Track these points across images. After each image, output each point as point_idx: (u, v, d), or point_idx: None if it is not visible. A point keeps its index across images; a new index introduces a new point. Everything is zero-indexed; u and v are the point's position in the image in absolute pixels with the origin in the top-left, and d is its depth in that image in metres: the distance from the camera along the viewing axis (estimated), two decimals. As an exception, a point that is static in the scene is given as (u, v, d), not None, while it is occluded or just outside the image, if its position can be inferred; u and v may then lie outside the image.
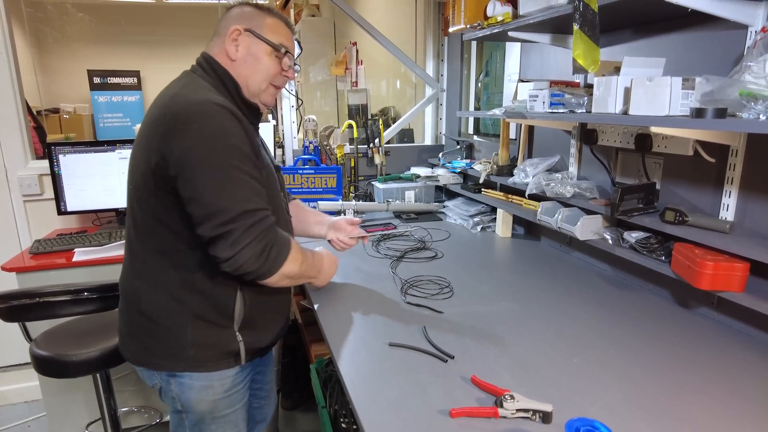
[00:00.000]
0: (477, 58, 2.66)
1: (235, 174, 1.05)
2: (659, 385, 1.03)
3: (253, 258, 1.06)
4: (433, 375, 1.07)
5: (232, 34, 1.18)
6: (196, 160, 1.03)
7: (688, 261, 1.24)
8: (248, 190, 1.07)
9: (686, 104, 1.06)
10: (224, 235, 1.04)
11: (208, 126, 1.04)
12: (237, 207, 1.04)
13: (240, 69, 1.20)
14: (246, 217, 1.05)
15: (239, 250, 1.04)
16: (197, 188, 1.04)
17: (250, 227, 1.05)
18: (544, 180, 1.78)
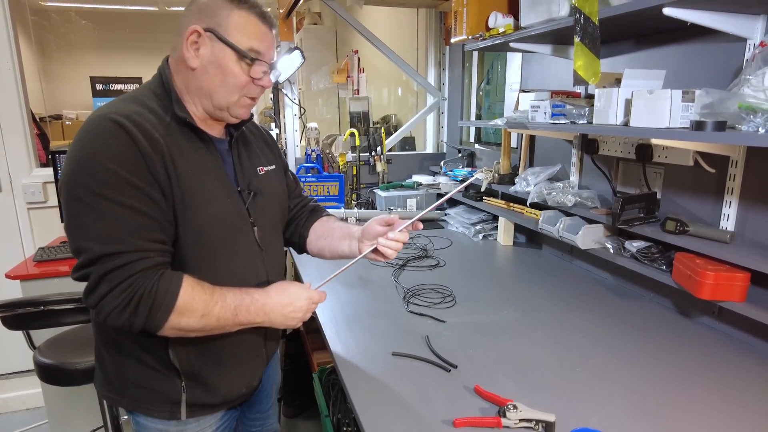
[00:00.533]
0: (478, 67, 2.68)
1: (101, 207, 0.86)
2: (662, 395, 1.04)
3: (116, 312, 0.87)
4: (437, 385, 1.08)
5: (191, 36, 0.95)
6: (64, 188, 0.89)
7: (689, 271, 1.25)
8: (114, 226, 0.87)
9: (686, 116, 1.07)
10: (85, 279, 0.89)
11: (87, 147, 0.87)
12: (94, 248, 0.86)
13: (201, 80, 0.97)
14: (103, 261, 0.86)
15: (99, 300, 0.87)
16: (66, 220, 0.89)
17: (105, 274, 0.86)
18: (545, 189, 1.79)
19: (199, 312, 0.92)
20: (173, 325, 0.91)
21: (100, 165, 0.86)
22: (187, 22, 0.96)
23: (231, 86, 0.98)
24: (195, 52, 0.96)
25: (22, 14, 4.98)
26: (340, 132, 2.72)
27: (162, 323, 0.90)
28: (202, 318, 0.93)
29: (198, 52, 0.96)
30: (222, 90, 0.98)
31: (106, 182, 0.86)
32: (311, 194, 2.55)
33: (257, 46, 0.98)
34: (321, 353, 2.27)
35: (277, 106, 2.59)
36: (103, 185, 0.86)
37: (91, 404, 2.15)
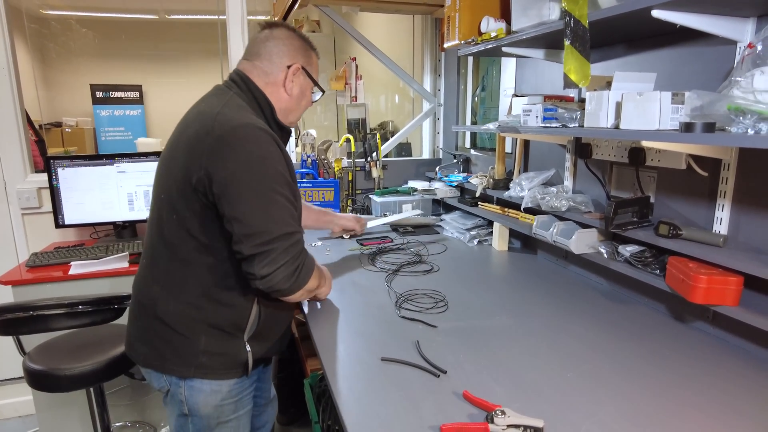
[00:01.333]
0: (473, 72, 2.68)
1: (277, 198, 1.12)
2: (654, 401, 1.02)
3: (286, 277, 1.13)
4: (426, 390, 1.06)
5: (294, 71, 1.28)
6: (243, 183, 1.09)
7: (681, 275, 1.23)
8: (287, 213, 1.14)
9: (676, 118, 1.06)
10: (263, 254, 1.10)
11: (255, 151, 1.10)
12: (277, 229, 1.11)
13: (291, 102, 1.30)
14: (285, 238, 1.12)
15: (276, 269, 1.11)
16: (241, 209, 1.10)
17: (287, 248, 1.12)
18: (539, 194, 1.78)
19: (317, 275, 1.30)
20: (308, 285, 1.22)
21: (271, 166, 1.12)
22: (281, 55, 1.27)
23: (303, 107, 1.36)
24: (292, 84, 1.29)
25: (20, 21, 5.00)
26: (338, 139, 2.72)
27: (304, 285, 1.19)
28: (317, 279, 1.31)
29: (294, 83, 1.29)
30: (298, 110, 1.35)
31: (277, 180, 1.13)
32: (307, 200, 2.54)
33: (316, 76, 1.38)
34: (314, 360, 2.25)
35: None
36: (275, 182, 1.13)
37: (83, 411, 2.13)
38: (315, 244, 2.23)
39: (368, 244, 2.22)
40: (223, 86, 1.28)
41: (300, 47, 1.30)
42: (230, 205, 1.10)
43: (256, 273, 1.10)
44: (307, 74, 1.31)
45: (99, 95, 6.29)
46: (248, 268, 1.12)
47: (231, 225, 1.11)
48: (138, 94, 6.57)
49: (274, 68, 1.27)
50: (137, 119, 6.53)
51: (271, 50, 1.27)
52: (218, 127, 1.11)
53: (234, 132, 1.10)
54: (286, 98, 1.29)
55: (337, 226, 2.06)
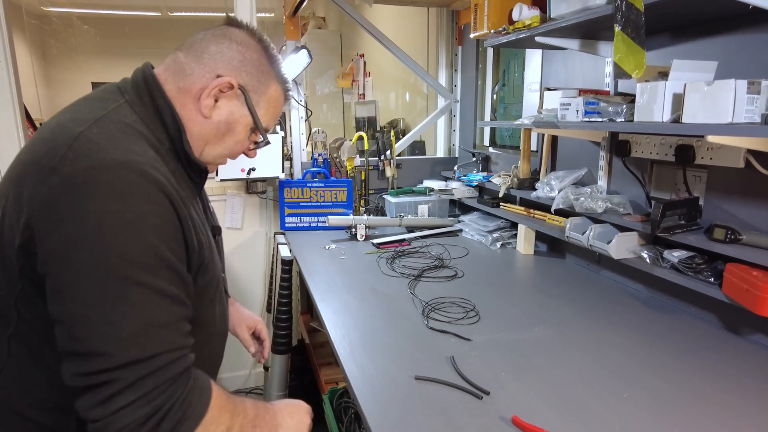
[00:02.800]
0: (493, 67, 2.57)
1: (137, 294, 0.68)
2: (728, 426, 0.91)
3: (133, 426, 0.67)
4: (468, 414, 0.95)
5: (220, 85, 0.84)
6: (82, 262, 0.67)
7: (745, 284, 1.12)
8: (149, 321, 0.69)
9: (752, 110, 0.95)
10: (96, 388, 0.67)
11: (117, 211, 0.68)
12: (124, 352, 0.67)
13: (203, 129, 0.87)
14: (136, 367, 0.67)
15: (114, 411, 0.66)
16: (72, 308, 0.67)
17: (137, 381, 0.67)
18: (572, 194, 1.67)
19: (224, 426, 0.76)
20: None
21: (141, 239, 0.69)
22: (218, 58, 0.86)
23: (227, 148, 0.92)
24: (213, 102, 0.86)
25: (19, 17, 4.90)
26: (345, 137, 2.60)
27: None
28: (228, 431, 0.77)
29: (217, 102, 0.86)
30: (217, 148, 0.91)
31: (144, 264, 0.69)
32: (317, 200, 2.43)
33: (270, 126, 0.96)
34: (329, 369, 2.14)
35: (282, 107, 2.48)
36: (140, 268, 0.68)
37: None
38: (328, 247, 2.12)
39: (385, 247, 2.11)
40: (114, 86, 0.85)
41: (255, 62, 0.88)
42: (56, 298, 0.69)
43: (86, 414, 0.67)
44: (246, 101, 0.88)
45: (101, 93, 6.18)
46: (78, 403, 0.68)
47: (56, 328, 0.69)
48: (140, 93, 6.45)
49: (198, 70, 0.84)
50: (139, 118, 6.42)
51: (209, 48, 0.86)
52: (71, 161, 0.69)
53: (91, 174, 0.68)
54: (199, 120, 0.86)
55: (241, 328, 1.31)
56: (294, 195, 2.40)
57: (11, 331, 0.78)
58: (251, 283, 2.70)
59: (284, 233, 2.40)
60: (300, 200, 2.41)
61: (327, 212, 2.37)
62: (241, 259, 2.65)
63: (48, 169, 0.69)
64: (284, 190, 2.39)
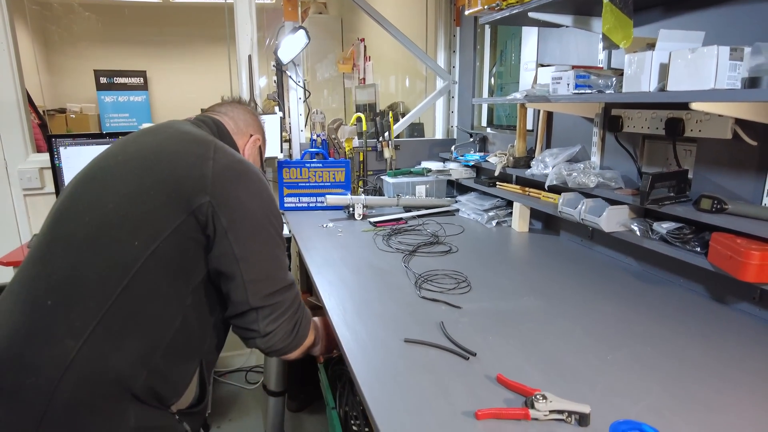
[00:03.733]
0: (491, 47, 2.57)
1: (281, 243, 1.03)
2: (705, 385, 0.94)
3: (286, 335, 1.01)
4: (455, 374, 0.98)
5: (254, 141, 1.30)
6: (256, 219, 0.97)
7: (729, 251, 1.14)
8: (287, 261, 1.05)
9: (734, 77, 0.96)
10: (270, 307, 0.97)
11: (263, 187, 1.03)
12: (286, 278, 1.01)
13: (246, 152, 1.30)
14: (290, 289, 1.02)
15: (278, 325, 0.98)
16: (252, 248, 0.96)
17: (292, 301, 1.02)
18: (565, 170, 1.68)
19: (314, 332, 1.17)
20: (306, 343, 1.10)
21: (277, 212, 1.04)
22: (247, 123, 1.29)
23: None
24: (250, 152, 1.29)
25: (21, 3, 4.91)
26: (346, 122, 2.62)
27: (303, 341, 1.08)
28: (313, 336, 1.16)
29: (250, 152, 1.29)
30: None
31: (279, 226, 1.04)
32: (316, 180, 2.45)
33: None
34: (327, 345, 2.17)
35: (280, 89, 2.49)
36: (279, 228, 1.03)
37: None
38: (326, 225, 2.14)
39: (381, 225, 2.13)
40: (192, 122, 1.16)
41: (261, 127, 1.35)
42: (238, 242, 0.94)
43: (260, 329, 0.95)
44: (260, 151, 1.33)
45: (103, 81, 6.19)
46: (247, 324, 0.96)
47: (233, 267, 0.93)
48: (142, 80, 6.46)
49: (239, 129, 1.25)
50: (142, 105, 6.44)
51: (238, 115, 1.27)
52: (221, 155, 1.00)
53: (241, 164, 1.02)
54: (243, 146, 1.28)
55: None
56: (293, 175, 2.43)
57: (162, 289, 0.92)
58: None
59: (283, 213, 2.43)
60: (298, 180, 2.44)
61: (325, 192, 2.40)
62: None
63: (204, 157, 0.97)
64: (283, 171, 2.41)
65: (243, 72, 2.49)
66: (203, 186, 0.93)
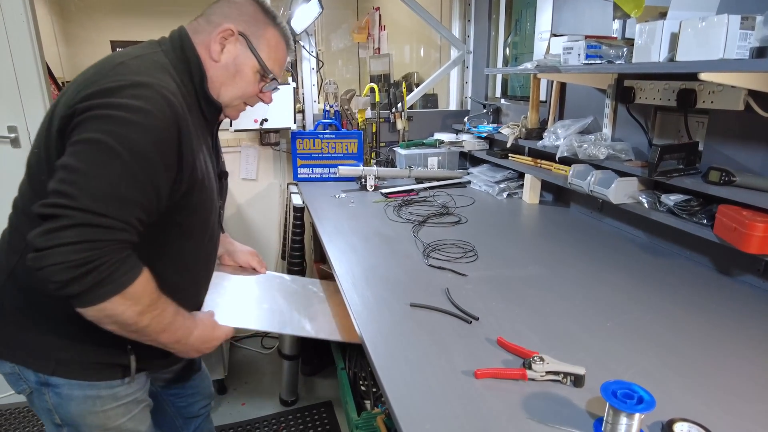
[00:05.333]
0: (506, 17, 2.53)
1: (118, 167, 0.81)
2: (699, 352, 0.97)
3: (65, 266, 0.77)
4: (457, 336, 1.02)
5: (223, 32, 0.99)
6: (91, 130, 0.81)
7: (734, 223, 1.15)
8: (116, 191, 0.81)
9: (744, 46, 0.96)
10: (50, 218, 0.78)
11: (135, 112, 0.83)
12: (82, 199, 0.78)
13: (216, 73, 1.02)
14: (86, 214, 0.78)
15: (53, 245, 0.76)
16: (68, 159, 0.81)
17: (81, 225, 0.77)
18: (576, 142, 1.68)
19: (140, 307, 0.87)
20: (110, 307, 0.83)
21: (141, 138, 0.83)
22: (221, 16, 1.02)
23: (239, 89, 1.05)
24: (221, 47, 1.01)
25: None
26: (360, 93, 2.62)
27: (104, 298, 0.81)
28: (140, 315, 0.87)
29: (225, 48, 1.01)
30: (231, 89, 1.04)
31: (137, 154, 0.83)
32: (329, 152, 2.48)
33: (275, 69, 1.07)
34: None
35: (294, 59, 2.50)
36: (133, 155, 0.82)
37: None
38: (338, 196, 2.18)
39: (393, 197, 2.16)
40: (153, 41, 1.03)
41: (251, 14, 1.03)
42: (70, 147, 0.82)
43: (31, 240, 0.77)
44: (249, 45, 1.02)
45: (120, 51, 6.21)
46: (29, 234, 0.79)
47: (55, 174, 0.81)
48: (159, 51, 6.44)
49: (208, 27, 1.01)
50: (158, 76, 6.45)
51: (215, 9, 1.03)
52: (110, 78, 0.86)
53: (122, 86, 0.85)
54: (212, 64, 1.01)
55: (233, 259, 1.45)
56: (306, 146, 2.46)
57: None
58: (266, 233, 2.80)
59: (297, 184, 2.47)
60: (312, 151, 2.47)
61: (337, 163, 2.43)
62: (256, 210, 2.74)
63: (91, 83, 0.86)
64: (296, 142, 2.44)
65: (257, 42, 2.49)
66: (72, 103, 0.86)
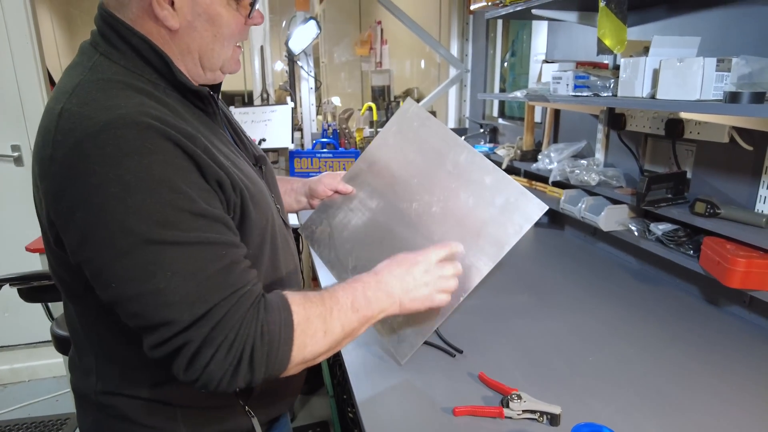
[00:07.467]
0: (503, 37, 2.56)
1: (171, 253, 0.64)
2: (681, 390, 0.97)
3: (228, 377, 0.66)
4: (440, 370, 1.04)
5: None
6: (104, 242, 0.63)
7: (718, 257, 1.16)
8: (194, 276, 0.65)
9: (720, 87, 0.97)
10: (175, 354, 0.65)
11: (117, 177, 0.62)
12: (182, 315, 0.64)
13: (188, 40, 0.74)
14: (200, 324, 0.64)
15: (201, 369, 0.65)
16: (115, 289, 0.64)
17: (207, 337, 0.64)
18: (568, 167, 1.70)
19: (321, 331, 0.73)
20: (298, 361, 0.71)
21: (149, 200, 0.62)
22: None
23: (226, 38, 0.77)
24: (170, 7, 0.71)
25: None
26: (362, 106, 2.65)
27: (284, 366, 0.70)
28: (326, 335, 0.73)
29: (174, 5, 0.71)
30: (216, 47, 0.77)
31: (164, 221, 0.63)
32: (327, 170, 2.50)
33: None
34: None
35: (292, 79, 2.54)
36: (162, 227, 0.63)
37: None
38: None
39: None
40: (86, 44, 0.76)
41: None
42: (98, 283, 0.66)
43: (184, 380, 0.67)
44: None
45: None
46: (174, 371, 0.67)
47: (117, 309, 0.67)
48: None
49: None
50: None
51: None
52: (60, 143, 0.64)
53: (81, 149, 0.62)
54: (170, 37, 0.73)
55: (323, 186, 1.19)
56: (303, 165, 2.48)
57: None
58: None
59: (295, 202, 2.50)
60: (309, 170, 2.49)
61: (336, 182, 2.45)
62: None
63: (47, 160, 0.65)
64: (294, 160, 2.47)
65: (256, 61, 2.54)
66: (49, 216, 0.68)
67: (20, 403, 2.54)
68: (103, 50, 0.72)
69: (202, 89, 0.78)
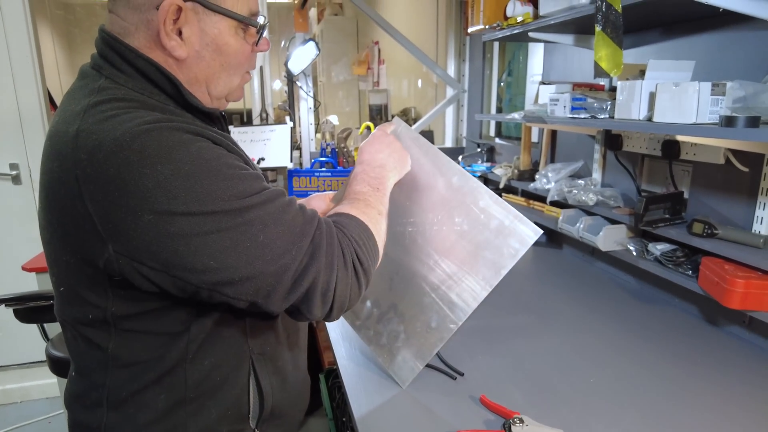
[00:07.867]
0: (500, 58, 2.59)
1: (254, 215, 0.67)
2: (683, 410, 0.97)
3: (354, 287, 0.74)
4: (441, 393, 1.03)
5: (169, 13, 0.68)
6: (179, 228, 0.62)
7: (716, 277, 1.16)
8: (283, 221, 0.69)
9: (716, 111, 0.99)
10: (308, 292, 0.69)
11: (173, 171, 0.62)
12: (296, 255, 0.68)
13: (196, 70, 0.74)
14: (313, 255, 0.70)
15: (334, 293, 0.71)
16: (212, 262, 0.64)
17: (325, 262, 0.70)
18: (566, 186, 1.71)
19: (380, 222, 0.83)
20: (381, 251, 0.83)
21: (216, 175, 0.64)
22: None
23: (234, 67, 0.77)
24: (178, 37, 0.70)
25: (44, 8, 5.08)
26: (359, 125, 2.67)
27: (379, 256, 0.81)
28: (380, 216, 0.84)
29: (182, 35, 0.70)
30: (224, 75, 0.77)
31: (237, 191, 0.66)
32: (325, 189, 2.51)
33: (254, 7, 0.76)
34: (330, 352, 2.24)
35: (291, 99, 2.56)
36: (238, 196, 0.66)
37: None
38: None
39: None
40: (87, 68, 0.74)
41: None
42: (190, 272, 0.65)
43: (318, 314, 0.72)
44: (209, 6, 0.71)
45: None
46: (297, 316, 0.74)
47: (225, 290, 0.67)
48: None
49: (136, 16, 0.70)
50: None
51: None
52: (88, 162, 0.62)
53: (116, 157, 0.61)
54: (178, 66, 0.73)
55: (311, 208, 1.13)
56: (302, 184, 2.49)
57: None
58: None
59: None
60: (308, 189, 2.50)
61: (334, 200, 2.46)
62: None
63: (73, 182, 0.63)
64: (293, 179, 2.48)
65: (255, 81, 2.56)
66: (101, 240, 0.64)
67: (11, 425, 2.50)
68: (107, 73, 0.71)
69: (214, 110, 0.80)
